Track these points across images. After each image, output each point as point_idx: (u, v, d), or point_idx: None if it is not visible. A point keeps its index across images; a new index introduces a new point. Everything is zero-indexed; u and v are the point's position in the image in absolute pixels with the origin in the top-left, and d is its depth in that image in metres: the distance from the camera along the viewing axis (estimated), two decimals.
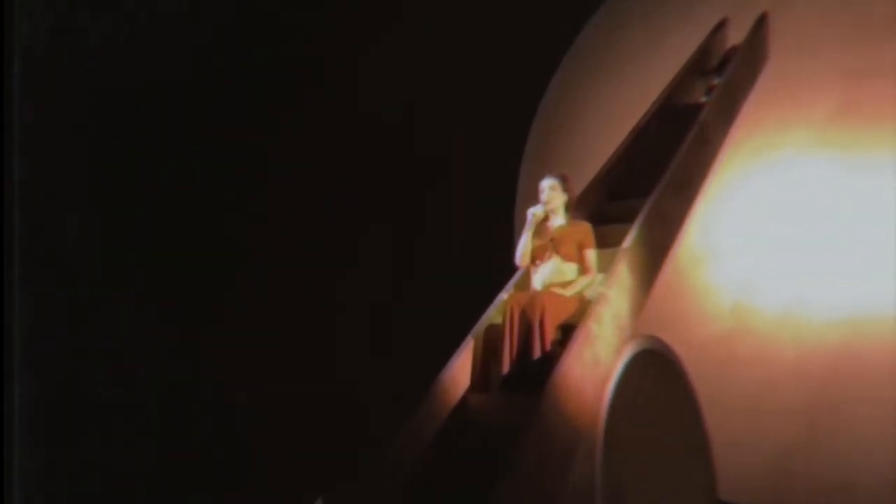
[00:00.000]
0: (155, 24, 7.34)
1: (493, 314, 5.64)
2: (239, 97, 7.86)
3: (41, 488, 6.50)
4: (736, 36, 8.36)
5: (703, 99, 7.85)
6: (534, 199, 5.87)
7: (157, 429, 7.23)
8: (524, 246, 5.75)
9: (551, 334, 5.38)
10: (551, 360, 5.20)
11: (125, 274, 7.28)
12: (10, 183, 6.25)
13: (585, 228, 5.80)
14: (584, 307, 5.55)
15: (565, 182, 5.88)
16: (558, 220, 5.84)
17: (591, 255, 5.73)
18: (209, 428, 7.50)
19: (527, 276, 5.87)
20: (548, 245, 5.75)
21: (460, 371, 5.44)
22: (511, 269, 5.95)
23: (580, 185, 6.63)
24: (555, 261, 5.71)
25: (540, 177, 5.92)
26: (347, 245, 8.30)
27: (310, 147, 8.24)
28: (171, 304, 7.48)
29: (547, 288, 5.66)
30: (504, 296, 5.76)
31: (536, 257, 5.76)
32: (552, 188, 5.82)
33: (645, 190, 6.31)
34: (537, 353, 5.33)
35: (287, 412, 7.61)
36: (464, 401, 5.41)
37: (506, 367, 5.35)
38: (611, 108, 8.67)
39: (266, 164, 8.06)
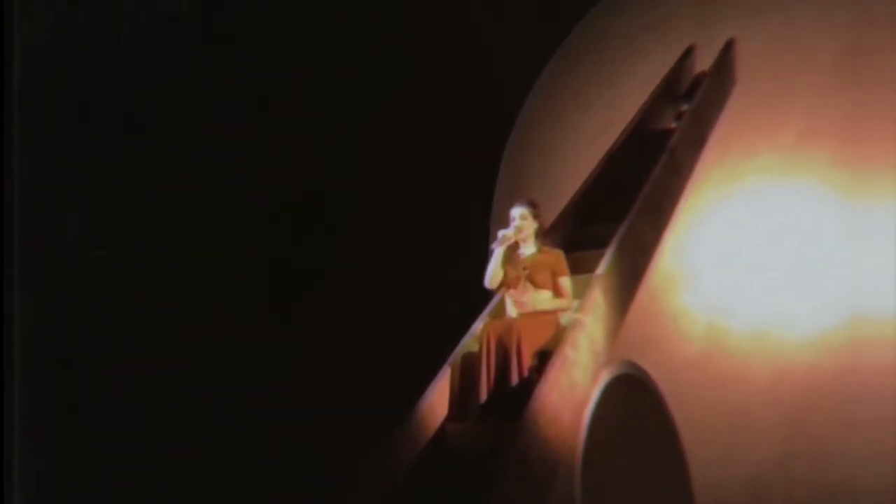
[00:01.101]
0: (155, 23, 7.33)
1: (469, 342, 5.65)
2: (239, 97, 7.85)
3: (41, 488, 6.44)
4: (704, 62, 8.46)
5: (673, 124, 7.93)
6: (507, 224, 5.89)
7: (157, 429, 7.18)
8: (494, 268, 5.76)
9: (528, 361, 5.39)
10: (529, 386, 5.21)
11: (125, 273, 7.24)
12: (10, 182, 6.21)
13: (557, 255, 5.82)
14: (559, 333, 5.56)
15: (535, 209, 5.88)
16: (530, 248, 5.86)
17: (566, 281, 5.75)
18: (209, 428, 7.45)
19: (502, 304, 5.89)
20: (521, 273, 5.76)
21: (438, 399, 5.44)
22: (487, 296, 5.96)
23: (553, 210, 6.66)
24: (529, 288, 5.73)
25: (513, 202, 5.94)
26: (315, 271, 8.29)
27: (309, 141, 8.25)
28: (172, 303, 7.45)
29: (522, 315, 5.67)
30: (480, 324, 5.77)
31: (511, 286, 5.78)
32: (522, 217, 5.83)
33: (617, 215, 6.36)
34: (514, 380, 5.33)
35: (287, 412, 7.59)
36: (442, 429, 5.41)
37: (483, 394, 5.35)
38: (582, 134, 8.74)
39: (266, 163, 8.04)
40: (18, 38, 6.45)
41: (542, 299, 5.70)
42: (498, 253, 5.73)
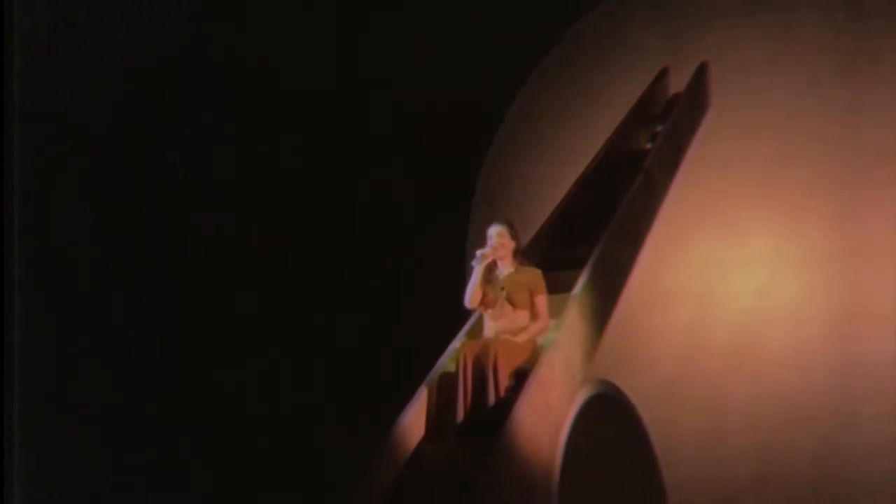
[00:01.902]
0: (155, 22, 7.31)
1: (446, 362, 5.63)
2: (240, 95, 7.82)
3: (41, 488, 6.36)
4: (678, 83, 8.53)
5: (648, 146, 7.97)
6: (483, 244, 5.88)
7: (157, 429, 7.11)
8: (473, 287, 5.74)
9: (505, 381, 5.38)
10: (505, 407, 5.18)
11: (125, 273, 7.18)
12: (10, 182, 6.16)
13: (535, 275, 5.82)
14: (536, 354, 5.56)
15: (512, 229, 5.89)
16: (507, 267, 5.85)
17: (542, 301, 5.75)
18: (210, 428, 7.39)
19: (479, 324, 5.87)
20: (498, 293, 5.76)
21: (414, 420, 5.41)
22: (463, 315, 5.95)
23: (529, 230, 6.67)
24: (506, 308, 5.72)
25: (489, 222, 5.94)
26: (288, 285, 8.26)
27: (306, 140, 8.23)
28: (172, 303, 7.40)
29: (499, 335, 5.66)
30: (457, 344, 5.75)
31: (487, 305, 5.77)
32: (500, 235, 5.83)
33: (593, 236, 6.37)
34: (491, 401, 5.31)
35: (288, 411, 7.54)
36: (418, 450, 5.38)
37: (460, 414, 5.32)
38: (557, 158, 8.77)
39: (267, 162, 8.02)
40: (18, 36, 6.42)
41: (517, 317, 5.69)
42: (477, 272, 5.72)
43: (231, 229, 7.81)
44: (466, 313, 5.92)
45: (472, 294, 5.73)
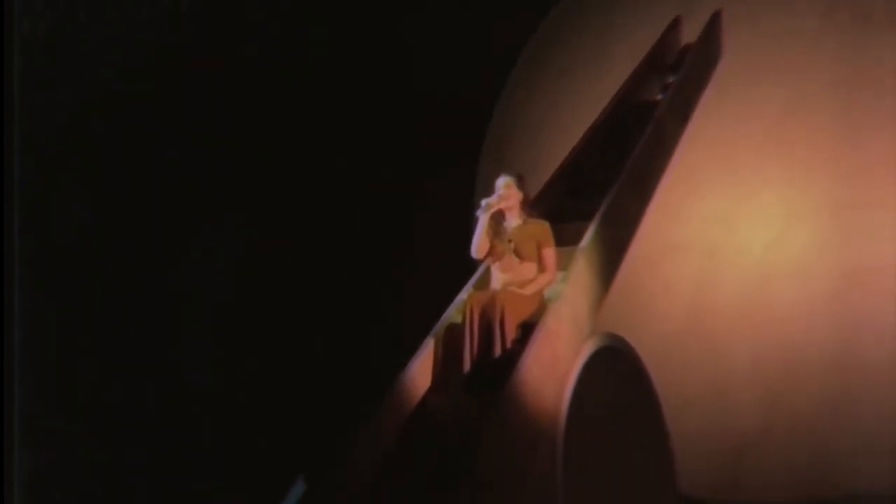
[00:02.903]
0: (155, 22, 7.26)
1: (452, 314, 5.62)
2: (241, 94, 7.80)
3: (41, 488, 6.42)
4: (690, 33, 8.43)
5: (659, 96, 7.90)
6: (491, 195, 5.84)
7: (157, 429, 7.15)
8: (479, 237, 5.71)
9: (511, 333, 5.38)
10: (511, 358, 5.19)
11: (125, 273, 7.20)
12: (10, 182, 6.15)
13: (543, 227, 5.79)
14: (543, 306, 5.55)
15: (520, 180, 5.84)
16: (515, 219, 5.82)
17: (550, 253, 5.72)
18: (210, 428, 7.43)
19: (486, 276, 5.86)
20: (506, 245, 5.73)
21: (421, 371, 5.42)
22: (468, 270, 5.94)
23: (538, 182, 6.64)
24: (513, 260, 5.70)
25: (497, 173, 5.90)
26: (309, 244, 8.26)
27: (303, 143, 8.21)
28: (172, 303, 7.41)
29: (506, 287, 5.65)
30: (463, 296, 5.74)
31: (495, 258, 5.75)
32: (507, 186, 5.79)
33: (602, 188, 6.33)
34: (497, 352, 5.32)
35: (288, 409, 7.58)
36: (424, 401, 5.39)
37: (466, 366, 5.33)
38: (567, 108, 8.71)
39: (268, 162, 8.00)
40: (19, 36, 6.38)
41: (525, 269, 5.68)
42: (482, 221, 5.69)
43: (231, 229, 7.80)
44: (473, 264, 5.90)
45: (478, 244, 5.71)
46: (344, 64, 8.39)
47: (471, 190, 8.73)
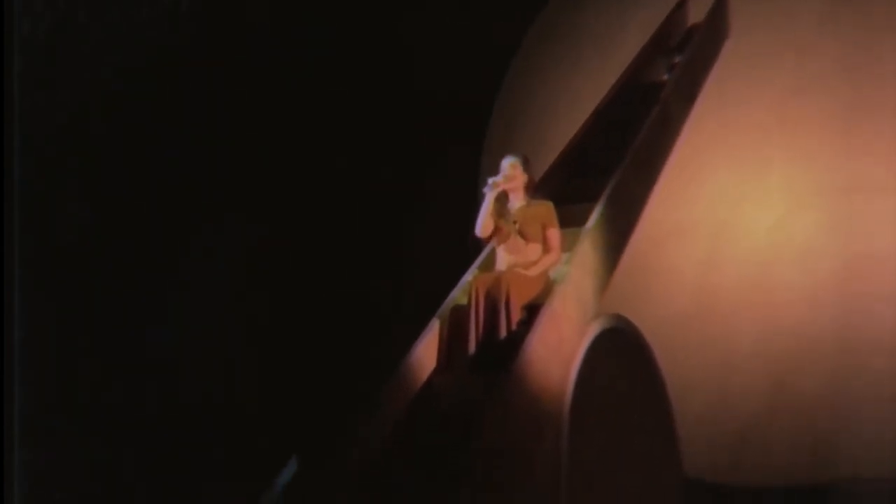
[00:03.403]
0: (155, 22, 7.25)
1: (458, 295, 5.62)
2: (241, 93, 7.79)
3: (41, 488, 6.43)
4: (697, 14, 8.39)
5: (665, 77, 7.87)
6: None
7: (157, 429, 7.16)
8: (484, 216, 5.71)
9: (516, 314, 5.38)
10: (517, 340, 5.19)
11: (125, 273, 7.20)
12: (10, 182, 6.15)
13: (548, 208, 5.79)
14: (548, 287, 5.54)
15: (526, 162, 5.85)
16: (519, 200, 5.82)
17: (555, 234, 5.72)
18: (210, 428, 7.44)
19: (491, 258, 5.86)
20: (511, 226, 5.73)
21: (426, 352, 5.42)
22: (474, 252, 5.93)
23: (544, 162, 6.63)
24: (518, 241, 5.70)
25: (503, 154, 5.90)
26: (311, 243, 8.25)
27: (305, 139, 8.20)
28: (172, 303, 7.42)
29: (511, 269, 5.65)
30: (469, 277, 5.74)
31: (500, 239, 5.74)
32: (512, 167, 5.79)
33: (607, 169, 6.32)
34: (503, 334, 5.32)
35: (289, 409, 7.58)
36: (429, 381, 5.39)
37: (471, 347, 5.34)
38: (572, 89, 8.67)
39: (269, 161, 8.00)
40: (19, 36, 6.36)
41: (530, 251, 5.67)
42: (488, 200, 5.68)
43: (231, 228, 7.79)
44: (478, 245, 5.90)
45: (483, 223, 5.71)
46: (344, 59, 8.38)
47: (475, 174, 8.71)
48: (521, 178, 5.79)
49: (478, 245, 5.99)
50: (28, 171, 6.34)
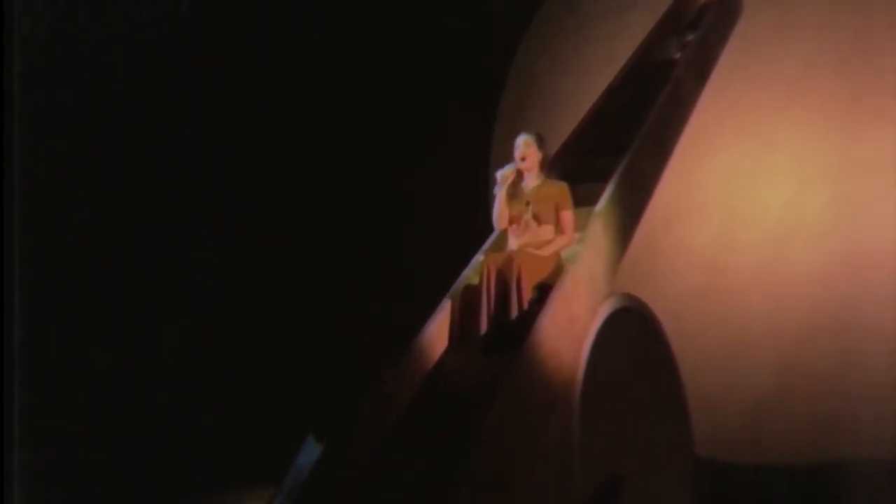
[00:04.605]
0: (155, 22, 7.25)
1: (469, 275, 5.63)
2: (241, 93, 7.78)
3: (41, 488, 6.47)
4: None
5: (677, 55, 7.83)
6: (510, 158, 5.82)
7: (157, 429, 7.19)
8: (499, 209, 5.71)
9: (528, 294, 5.37)
10: (528, 319, 5.19)
11: (126, 273, 7.22)
12: (10, 182, 6.17)
13: (562, 188, 5.77)
14: (560, 267, 5.54)
15: (540, 139, 5.82)
16: (533, 179, 5.80)
17: (568, 215, 5.71)
18: (210, 427, 7.47)
19: (503, 237, 5.85)
20: (523, 207, 5.72)
21: (438, 331, 5.43)
22: (486, 231, 5.93)
23: (555, 142, 6.60)
24: (531, 222, 5.69)
25: (515, 133, 5.87)
26: (312, 243, 8.24)
27: (302, 138, 8.20)
28: (172, 302, 7.43)
29: (523, 248, 5.64)
30: (480, 257, 5.74)
31: (513, 219, 5.74)
32: (527, 144, 5.77)
33: (619, 148, 6.30)
34: (514, 313, 5.32)
35: (290, 409, 7.61)
36: (441, 361, 5.40)
37: (483, 327, 5.34)
38: (586, 64, 8.63)
39: (270, 161, 7.99)
40: (18, 36, 6.36)
41: (542, 230, 5.67)
42: (501, 194, 5.69)
43: (231, 228, 7.78)
44: (488, 228, 5.89)
45: (499, 216, 5.71)
46: (345, 54, 8.35)
47: (486, 155, 8.69)
48: (535, 156, 5.77)
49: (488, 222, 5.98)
50: (28, 171, 6.36)
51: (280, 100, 8.05)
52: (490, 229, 5.90)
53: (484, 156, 8.60)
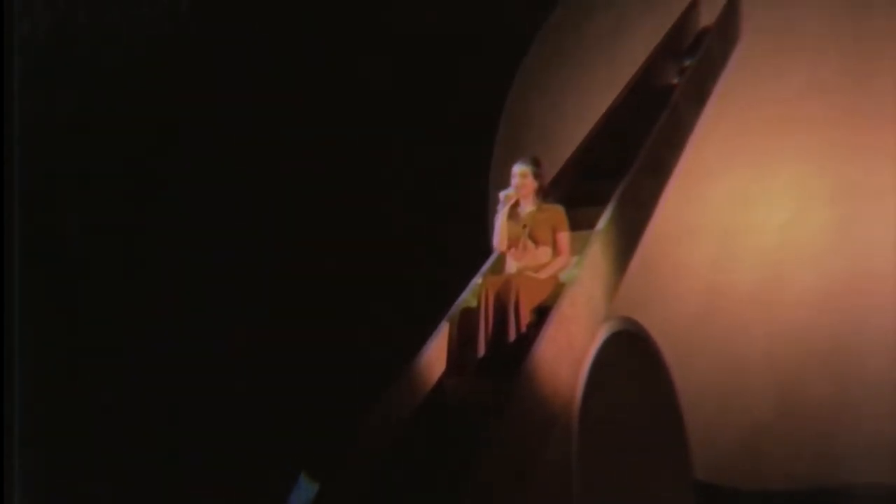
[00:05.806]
0: (155, 22, 7.29)
1: (468, 298, 5.64)
2: (241, 93, 7.81)
3: (41, 488, 6.46)
4: (708, 17, 8.38)
5: (676, 80, 7.86)
6: (507, 182, 5.86)
7: (157, 429, 7.19)
8: (500, 231, 5.75)
9: (526, 317, 5.39)
10: (526, 342, 5.21)
11: (126, 273, 7.23)
12: (10, 182, 6.19)
13: (557, 211, 5.80)
14: (558, 290, 5.56)
15: (537, 167, 5.85)
16: (529, 204, 5.83)
17: (565, 238, 5.74)
18: (211, 428, 7.47)
19: (501, 260, 5.88)
20: (520, 230, 5.75)
21: (436, 355, 5.44)
22: (485, 253, 5.95)
23: (554, 165, 6.63)
24: (528, 245, 5.72)
25: (512, 161, 5.91)
26: (312, 243, 8.26)
27: (306, 135, 8.21)
28: (172, 302, 7.44)
29: (521, 271, 5.66)
30: (479, 279, 5.76)
31: (510, 243, 5.77)
32: (523, 175, 5.80)
33: (618, 171, 6.32)
34: (512, 336, 5.34)
35: (291, 409, 7.61)
36: (439, 384, 5.41)
37: (481, 350, 5.35)
38: (583, 91, 8.67)
39: (271, 160, 8.02)
40: (18, 36, 6.40)
41: (540, 254, 5.69)
42: (502, 216, 5.72)
43: (232, 229, 7.81)
44: (489, 250, 5.92)
45: (500, 237, 5.74)
46: (346, 61, 8.39)
47: (486, 175, 8.71)
48: (531, 186, 5.81)
49: (489, 245, 6.00)
50: (28, 172, 6.38)
51: (280, 100, 8.07)
52: (488, 252, 5.93)
53: (483, 177, 8.63)
